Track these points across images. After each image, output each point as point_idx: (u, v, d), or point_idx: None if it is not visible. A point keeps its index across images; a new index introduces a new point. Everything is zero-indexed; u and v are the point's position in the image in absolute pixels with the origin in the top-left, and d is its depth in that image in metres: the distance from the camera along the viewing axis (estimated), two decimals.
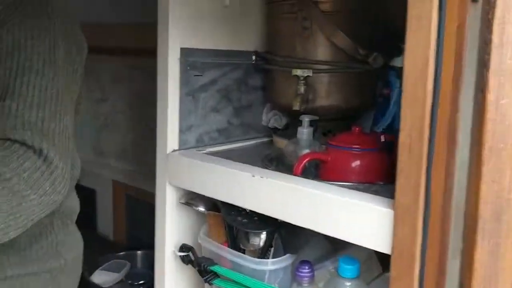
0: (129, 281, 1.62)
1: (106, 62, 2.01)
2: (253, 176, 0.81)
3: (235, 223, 0.85)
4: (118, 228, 2.05)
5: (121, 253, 1.79)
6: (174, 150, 0.97)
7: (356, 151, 0.84)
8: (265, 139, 1.15)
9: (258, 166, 0.87)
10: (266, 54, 1.08)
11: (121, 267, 1.68)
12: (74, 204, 1.09)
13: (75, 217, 1.09)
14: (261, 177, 0.80)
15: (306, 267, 0.80)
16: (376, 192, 0.73)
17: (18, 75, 0.84)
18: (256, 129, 1.14)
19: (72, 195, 1.08)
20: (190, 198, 0.98)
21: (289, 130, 1.09)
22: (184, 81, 0.96)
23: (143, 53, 1.35)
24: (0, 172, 0.75)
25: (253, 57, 1.09)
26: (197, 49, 0.97)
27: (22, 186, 0.76)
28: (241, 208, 0.87)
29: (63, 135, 0.85)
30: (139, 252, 1.78)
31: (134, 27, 1.81)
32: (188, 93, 0.98)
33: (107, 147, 2.10)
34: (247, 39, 1.08)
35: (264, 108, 1.15)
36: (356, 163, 0.83)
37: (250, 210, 0.85)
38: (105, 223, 2.11)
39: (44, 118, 0.83)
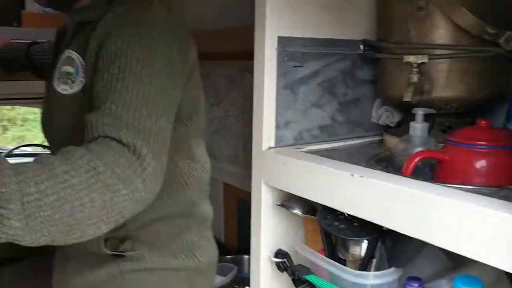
0: (235, 286, 1.59)
1: (221, 66, 2.02)
2: (352, 175, 0.70)
3: (331, 229, 0.75)
4: (229, 231, 2.04)
5: (229, 257, 1.76)
6: (270, 148, 0.90)
7: (482, 148, 0.69)
8: (375, 138, 1.03)
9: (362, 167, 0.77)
10: (376, 42, 0.96)
11: (227, 271, 1.65)
12: (209, 209, 1.15)
13: (209, 223, 1.15)
14: (361, 177, 0.69)
15: (416, 285, 0.68)
16: (506, 198, 0.59)
17: (119, 80, 0.88)
18: (364, 127, 1.02)
19: (206, 200, 1.15)
20: (287, 200, 0.90)
21: (403, 128, 0.96)
22: (282, 73, 0.89)
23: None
24: (94, 166, 0.76)
25: (361, 47, 0.98)
26: (296, 38, 0.89)
27: (114, 180, 0.76)
28: (339, 212, 0.77)
29: (158, 136, 0.87)
30: (246, 256, 1.74)
31: (247, 29, 1.79)
32: (286, 86, 0.90)
33: (219, 151, 2.11)
34: (354, 27, 0.97)
35: (374, 103, 1.03)
36: (481, 163, 0.69)
37: (349, 215, 0.74)
38: (218, 226, 2.12)
39: (140, 119, 0.85)
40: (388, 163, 0.82)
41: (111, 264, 1.02)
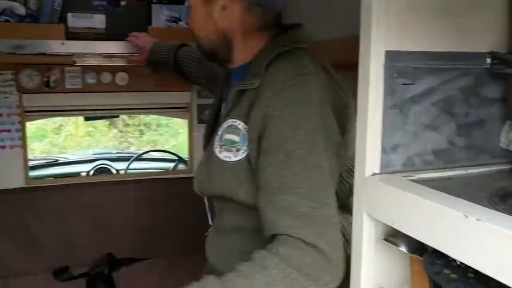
0: None
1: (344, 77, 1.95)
2: (466, 216, 0.59)
3: (439, 278, 0.64)
4: None
5: None
6: (374, 174, 0.81)
7: None
8: (503, 167, 0.87)
9: (482, 204, 0.64)
10: (507, 55, 0.82)
11: None
12: None
13: None
14: (478, 220, 0.57)
15: None
16: None
17: (287, 167, 0.92)
18: (489, 153, 0.88)
19: None
20: (392, 234, 0.80)
21: None
22: (389, 91, 0.79)
23: None
24: (288, 273, 0.86)
25: (488, 60, 0.84)
26: (407, 52, 0.79)
27: (307, 282, 0.86)
28: (451, 257, 0.65)
29: (333, 219, 0.91)
30: None
31: None
32: (395, 105, 0.80)
33: None
34: (479, 38, 0.84)
35: (503, 126, 0.88)
36: None
37: (462, 262, 0.63)
38: None
39: (315, 208, 0.90)
40: None
41: None
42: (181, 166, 3.05)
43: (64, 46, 1.85)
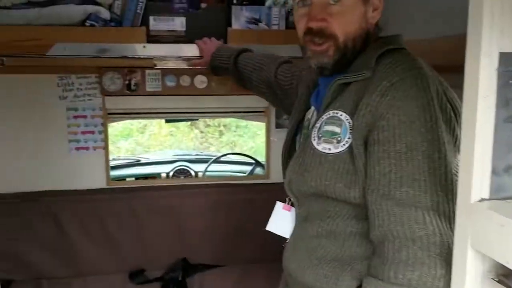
0: None
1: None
2: None
3: None
4: None
5: None
6: (482, 200, 0.68)
7: None
8: None
9: None
10: None
11: None
12: None
13: None
14: None
15: None
16: None
17: (408, 159, 0.89)
18: None
19: None
20: (505, 274, 0.66)
21: None
22: (504, 102, 0.66)
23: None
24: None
25: None
26: None
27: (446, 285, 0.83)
28: None
29: (452, 212, 0.85)
30: None
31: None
32: (510, 118, 0.67)
33: None
34: None
35: None
36: None
37: None
38: None
39: (438, 202, 0.86)
40: None
41: None
42: (258, 170, 3.00)
43: (145, 49, 1.85)
